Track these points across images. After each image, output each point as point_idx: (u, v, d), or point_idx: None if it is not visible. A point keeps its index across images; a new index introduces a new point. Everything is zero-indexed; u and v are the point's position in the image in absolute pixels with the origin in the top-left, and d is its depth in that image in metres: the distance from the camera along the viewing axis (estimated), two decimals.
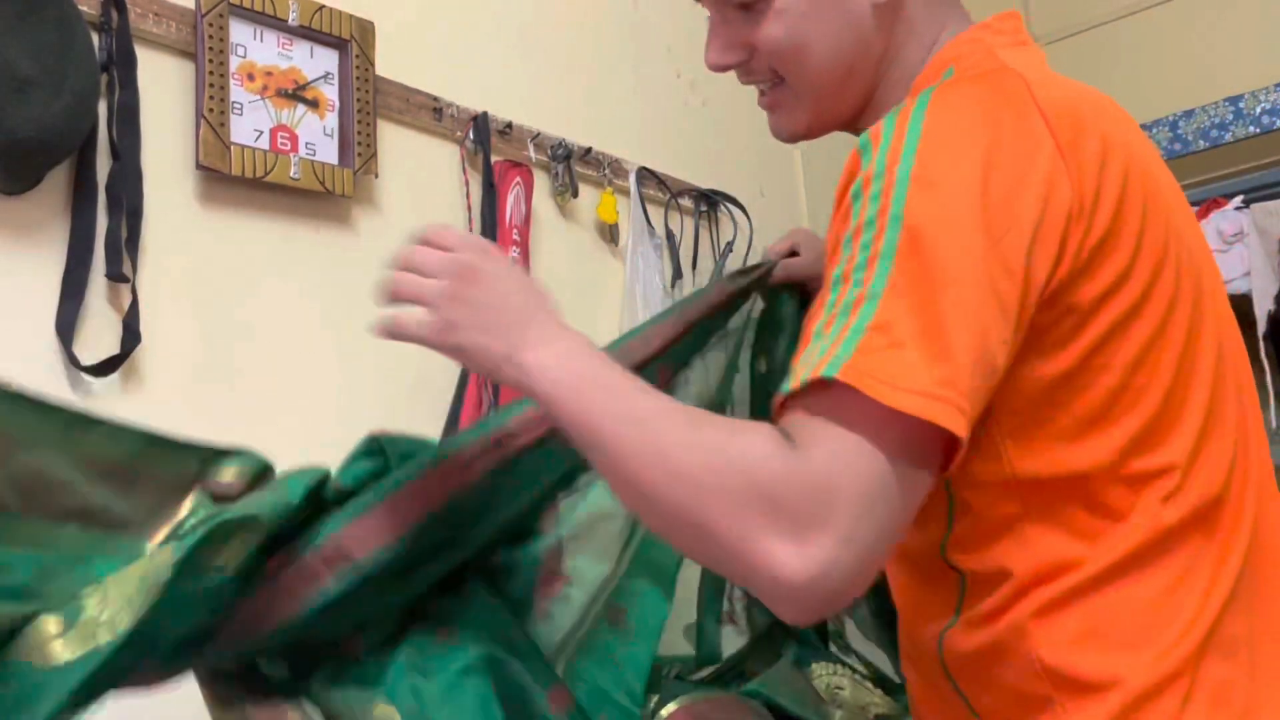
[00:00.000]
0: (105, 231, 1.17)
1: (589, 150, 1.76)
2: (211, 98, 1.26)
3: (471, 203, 1.58)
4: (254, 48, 1.33)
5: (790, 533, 0.63)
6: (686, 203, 1.99)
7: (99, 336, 1.17)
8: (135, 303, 1.18)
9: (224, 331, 1.28)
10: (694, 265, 1.96)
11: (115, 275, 1.17)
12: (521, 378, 0.80)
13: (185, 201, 1.28)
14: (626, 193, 1.83)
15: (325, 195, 1.39)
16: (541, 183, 1.71)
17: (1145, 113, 2.37)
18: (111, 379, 1.17)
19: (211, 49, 1.27)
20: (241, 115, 1.30)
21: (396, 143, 1.51)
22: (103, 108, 1.19)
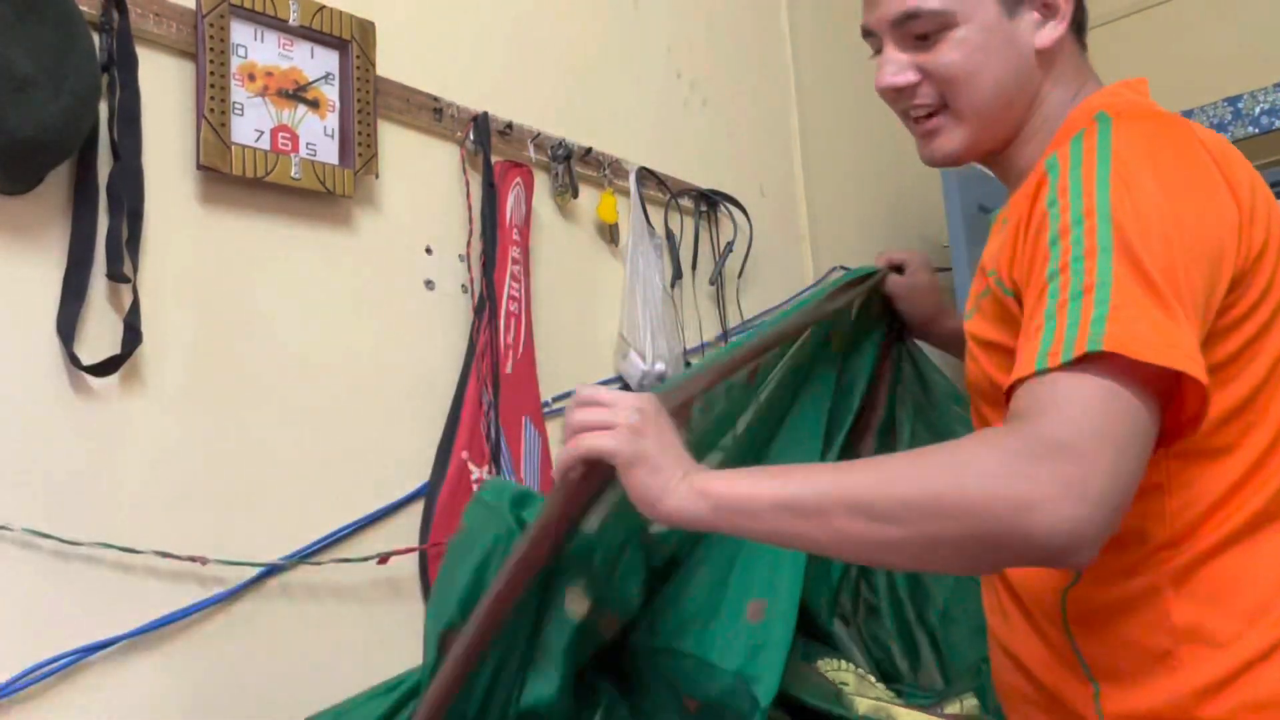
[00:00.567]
0: (106, 232, 1.17)
1: (589, 150, 1.76)
2: (212, 98, 1.26)
3: (472, 203, 1.59)
4: (255, 48, 1.33)
5: (1068, 485, 0.70)
6: (686, 203, 1.99)
7: (100, 336, 1.17)
8: (136, 303, 1.18)
9: (225, 331, 1.28)
10: (694, 265, 1.97)
11: (116, 275, 1.17)
12: (699, 500, 0.85)
13: (186, 202, 1.28)
14: (626, 193, 1.84)
15: (326, 195, 1.39)
16: (542, 183, 1.71)
17: None
18: (112, 379, 1.17)
19: (212, 49, 1.27)
20: (242, 115, 1.30)
21: (397, 143, 1.51)
22: (103, 108, 1.19)
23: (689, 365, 1.86)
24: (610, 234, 1.81)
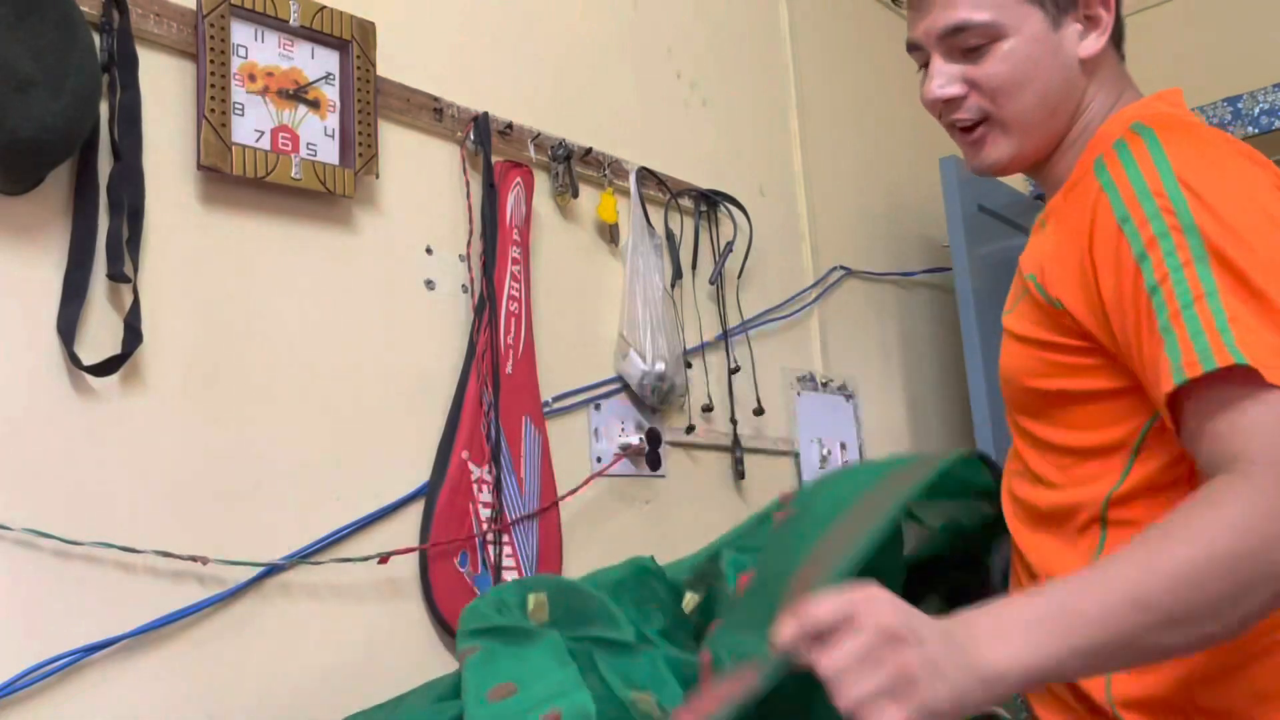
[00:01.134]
0: (106, 232, 1.17)
1: (589, 150, 1.76)
2: (213, 98, 1.26)
3: (472, 203, 1.59)
4: (255, 48, 1.33)
5: None
6: (686, 203, 1.99)
7: (100, 336, 1.17)
8: (136, 303, 1.18)
9: (225, 331, 1.29)
10: (694, 265, 1.97)
11: (116, 275, 1.17)
12: (999, 683, 0.70)
13: (186, 202, 1.28)
14: (626, 193, 1.84)
15: (326, 195, 1.39)
16: (542, 183, 1.71)
17: None
18: (112, 379, 1.17)
19: (213, 49, 1.27)
20: (242, 116, 1.30)
21: (397, 143, 1.51)
22: (104, 108, 1.19)
23: (689, 365, 1.86)
24: (610, 234, 1.81)
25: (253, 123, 1.31)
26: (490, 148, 1.59)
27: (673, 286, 1.89)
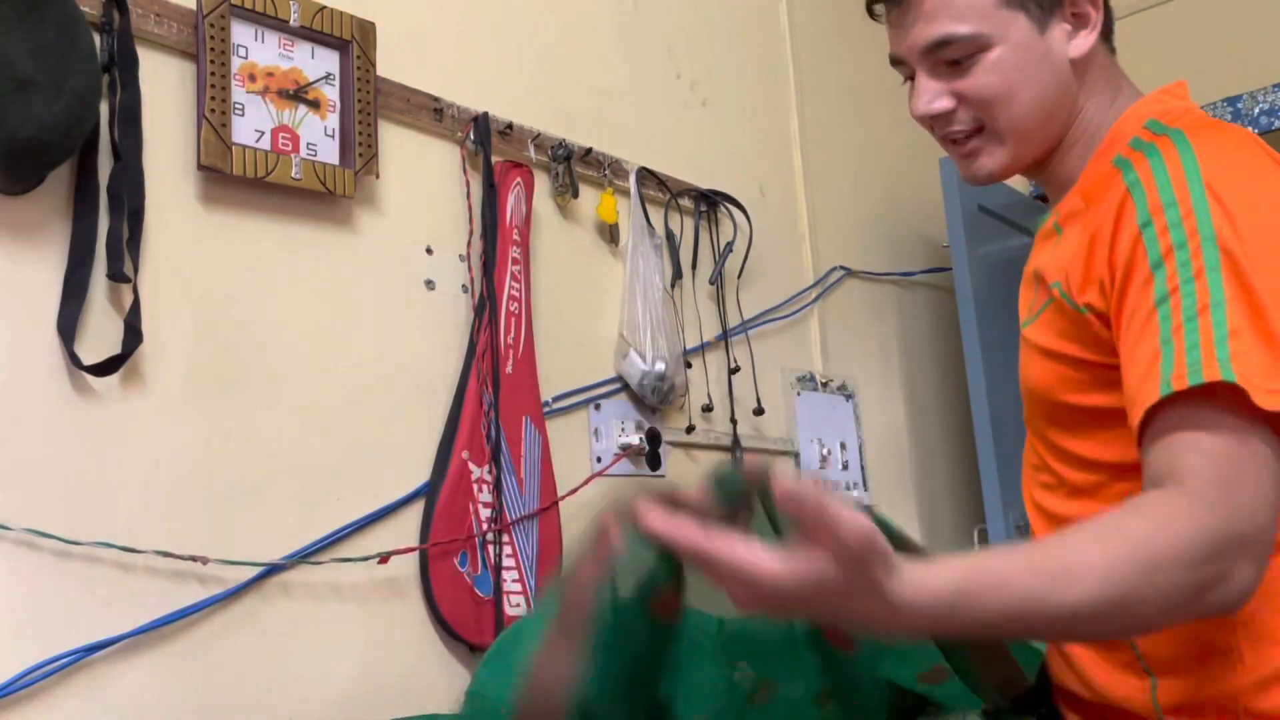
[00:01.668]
0: (107, 232, 1.18)
1: (589, 150, 1.76)
2: (213, 98, 1.26)
3: (472, 203, 1.59)
4: (255, 48, 1.33)
5: (1245, 558, 0.75)
6: (686, 203, 1.99)
7: (100, 336, 1.17)
8: (136, 303, 1.18)
9: (225, 331, 1.29)
10: (694, 265, 1.97)
11: (117, 275, 1.17)
12: (899, 612, 0.69)
13: (186, 202, 1.28)
14: (626, 193, 1.84)
15: (326, 196, 1.39)
16: (542, 183, 1.71)
17: None
18: (113, 379, 1.17)
19: (213, 50, 1.27)
20: (243, 116, 1.30)
21: (397, 143, 1.51)
22: (104, 108, 1.19)
23: (689, 365, 1.86)
24: (610, 234, 1.81)
25: (253, 123, 1.31)
26: (490, 148, 1.59)
27: (673, 286, 1.89)
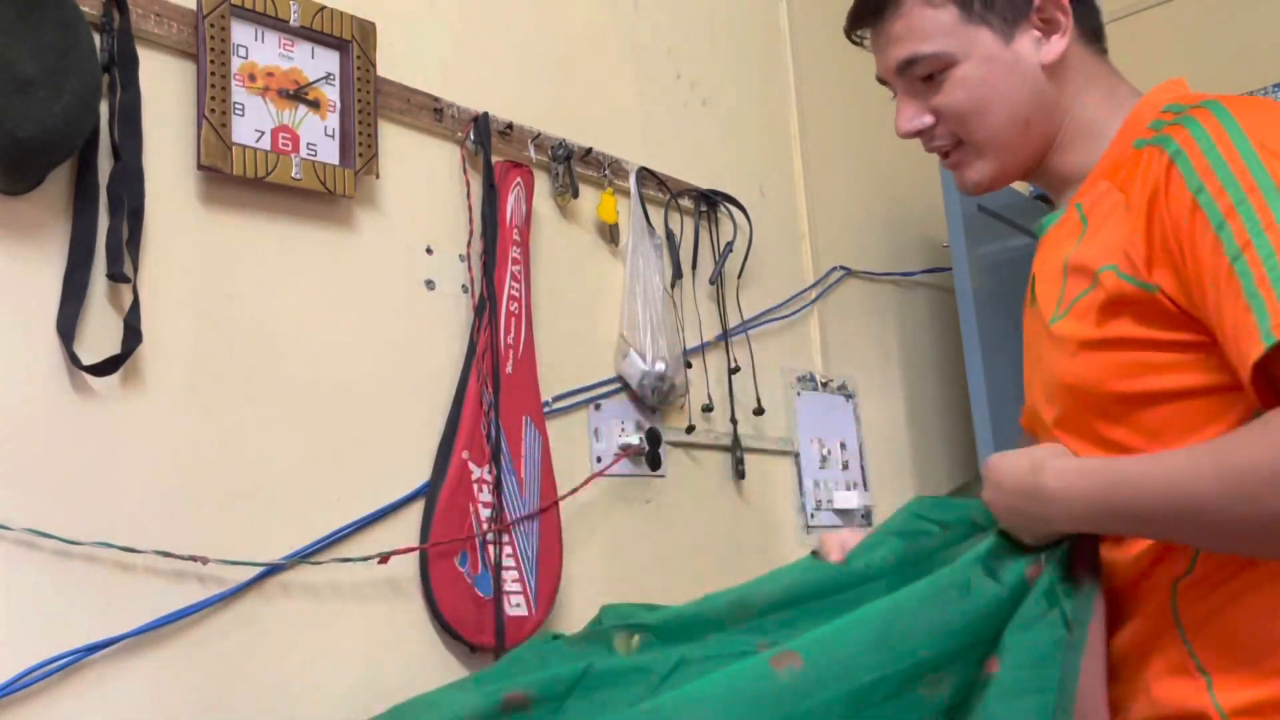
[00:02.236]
0: (106, 232, 1.18)
1: (589, 150, 1.76)
2: (213, 98, 1.26)
3: (472, 203, 1.59)
4: (255, 48, 1.33)
5: None
6: (686, 203, 1.99)
7: (100, 336, 1.17)
8: (136, 303, 1.18)
9: (225, 331, 1.29)
10: (694, 265, 1.97)
11: (116, 275, 1.17)
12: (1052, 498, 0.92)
13: (186, 202, 1.28)
14: (626, 193, 1.84)
15: (326, 196, 1.39)
16: (542, 183, 1.71)
17: None
18: (112, 379, 1.17)
19: (213, 50, 1.27)
20: (243, 116, 1.30)
21: (397, 143, 1.51)
22: (104, 108, 1.19)
23: (689, 365, 1.86)
24: (610, 234, 1.81)
25: (253, 123, 1.31)
26: (490, 148, 1.59)
27: (673, 286, 1.89)
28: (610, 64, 1.91)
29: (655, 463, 1.77)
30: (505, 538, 1.48)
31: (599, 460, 1.70)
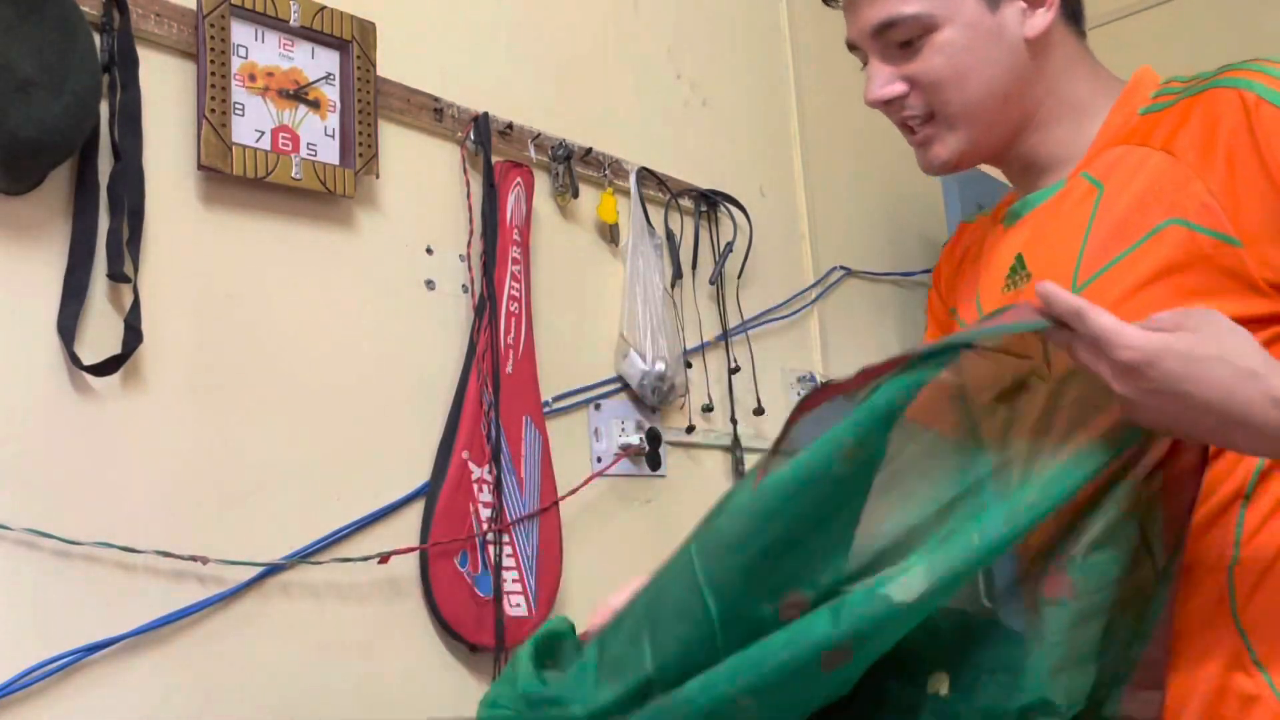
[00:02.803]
0: (107, 231, 1.18)
1: (589, 150, 1.76)
2: (213, 98, 1.26)
3: (472, 203, 1.59)
4: (255, 48, 1.33)
5: None
6: (686, 203, 1.99)
7: (100, 336, 1.17)
8: (137, 302, 1.18)
9: (225, 331, 1.29)
10: (694, 265, 1.97)
11: (117, 275, 1.17)
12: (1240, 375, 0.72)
13: (187, 202, 1.28)
14: (626, 193, 1.84)
15: (326, 196, 1.39)
16: (542, 183, 1.71)
17: None
18: (113, 379, 1.17)
19: (213, 50, 1.27)
20: (243, 116, 1.30)
21: (397, 143, 1.51)
22: (104, 108, 1.19)
23: (689, 365, 1.86)
24: (610, 234, 1.81)
25: (253, 123, 1.31)
26: (490, 148, 1.59)
27: (673, 286, 1.89)
28: (610, 64, 1.91)
29: (655, 463, 1.77)
30: (505, 538, 1.48)
31: (599, 460, 1.70)
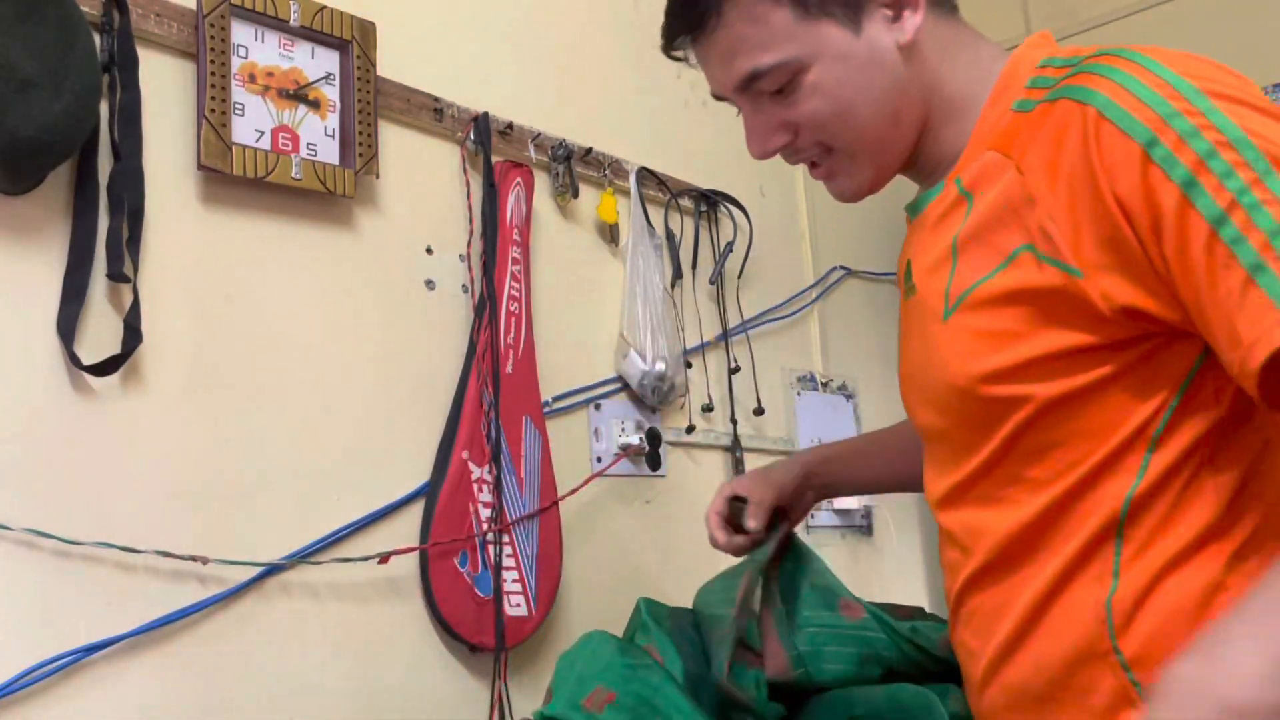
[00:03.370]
0: (107, 232, 1.18)
1: (589, 150, 1.76)
2: (213, 98, 1.26)
3: (472, 203, 1.59)
4: (255, 48, 1.33)
5: None
6: (686, 203, 1.99)
7: (100, 336, 1.17)
8: (136, 302, 1.18)
9: (225, 331, 1.29)
10: (694, 265, 1.97)
11: (116, 275, 1.17)
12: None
13: (186, 202, 1.28)
14: (626, 193, 1.84)
15: (326, 196, 1.39)
16: (542, 183, 1.71)
17: None
18: (112, 379, 1.17)
19: (213, 49, 1.27)
20: (243, 116, 1.30)
21: (397, 143, 1.51)
22: (104, 108, 1.19)
23: (689, 365, 1.86)
24: (610, 234, 1.81)
25: (253, 123, 1.31)
26: (490, 148, 1.59)
27: (673, 286, 1.89)
28: (610, 64, 1.91)
29: (655, 463, 1.77)
30: (505, 538, 1.48)
31: (599, 460, 1.70)
